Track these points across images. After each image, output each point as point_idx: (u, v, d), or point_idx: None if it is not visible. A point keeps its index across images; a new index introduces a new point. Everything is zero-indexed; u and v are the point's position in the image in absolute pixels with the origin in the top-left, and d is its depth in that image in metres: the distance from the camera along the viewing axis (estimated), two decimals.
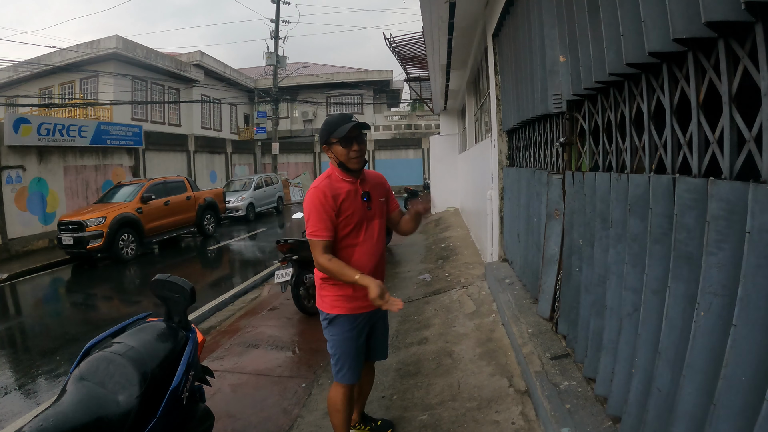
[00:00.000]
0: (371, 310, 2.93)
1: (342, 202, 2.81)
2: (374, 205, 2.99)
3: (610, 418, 2.77)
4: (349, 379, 2.96)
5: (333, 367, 2.99)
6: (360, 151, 2.84)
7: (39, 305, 9.45)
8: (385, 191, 3.12)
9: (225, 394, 4.35)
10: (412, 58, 14.67)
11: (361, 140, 2.87)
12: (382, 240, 3.06)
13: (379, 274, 2.98)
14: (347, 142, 2.80)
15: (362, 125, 2.85)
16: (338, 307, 2.91)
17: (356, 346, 2.96)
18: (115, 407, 2.12)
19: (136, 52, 23.53)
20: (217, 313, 7.37)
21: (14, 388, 5.04)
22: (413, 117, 36.63)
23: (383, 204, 3.08)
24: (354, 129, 2.80)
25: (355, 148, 2.81)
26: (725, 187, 1.86)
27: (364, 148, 2.90)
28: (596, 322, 3.08)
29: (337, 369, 2.96)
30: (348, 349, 2.94)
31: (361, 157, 2.88)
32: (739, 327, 1.73)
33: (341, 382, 2.97)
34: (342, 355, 2.95)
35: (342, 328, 2.92)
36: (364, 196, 2.93)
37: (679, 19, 1.99)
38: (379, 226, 3.02)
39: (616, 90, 3.01)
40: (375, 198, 3.00)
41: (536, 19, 4.44)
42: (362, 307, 2.90)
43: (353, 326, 2.93)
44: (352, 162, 2.84)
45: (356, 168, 2.86)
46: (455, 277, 7.49)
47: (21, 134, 14.29)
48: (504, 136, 6.74)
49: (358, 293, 2.84)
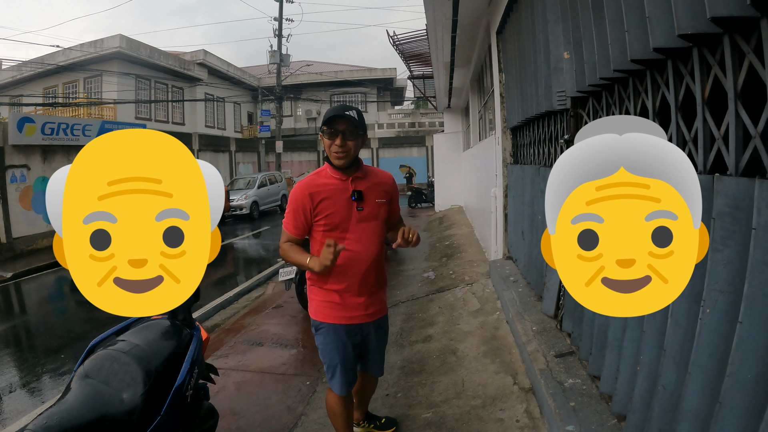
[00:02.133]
0: (360, 322, 2.82)
1: (321, 200, 2.68)
2: (367, 206, 2.76)
3: (614, 416, 2.76)
4: (338, 389, 2.86)
5: (326, 373, 2.92)
6: (343, 146, 2.63)
7: (43, 304, 9.48)
8: (386, 193, 2.87)
9: (229, 392, 4.35)
10: (415, 56, 14.66)
11: (350, 135, 2.65)
12: (377, 245, 2.83)
13: (371, 280, 2.82)
14: (331, 134, 2.62)
15: (341, 116, 2.62)
16: (323, 314, 2.80)
17: (343, 357, 2.82)
18: (120, 405, 2.12)
19: (139, 51, 23.57)
20: (221, 311, 7.37)
21: (19, 386, 5.06)
22: (417, 115, 36.55)
23: (381, 206, 2.83)
24: (340, 122, 2.61)
25: (337, 143, 2.61)
26: (731, 184, 1.85)
27: (353, 144, 2.67)
28: (601, 319, 3.07)
29: (329, 376, 2.89)
30: (334, 359, 2.83)
31: (346, 153, 2.65)
32: (745, 324, 1.72)
33: (332, 390, 2.90)
34: (329, 365, 2.86)
35: (327, 338, 2.82)
36: (354, 195, 2.72)
37: (683, 15, 1.98)
38: (372, 229, 2.79)
39: (621, 86, 3.00)
40: (369, 198, 2.77)
41: (540, 15, 4.42)
42: (348, 317, 2.78)
43: (338, 337, 2.80)
44: (333, 157, 2.67)
45: (338, 164, 2.68)
46: (459, 274, 7.48)
47: (25, 134, 14.30)
48: (508, 134, 6.73)
49: (346, 302, 2.76)
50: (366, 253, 2.76)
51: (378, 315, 2.92)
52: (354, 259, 2.73)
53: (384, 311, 3.00)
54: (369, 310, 2.83)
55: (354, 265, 2.74)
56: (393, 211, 2.97)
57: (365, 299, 2.81)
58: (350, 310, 2.77)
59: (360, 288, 2.78)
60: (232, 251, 13.37)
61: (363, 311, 2.81)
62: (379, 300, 2.92)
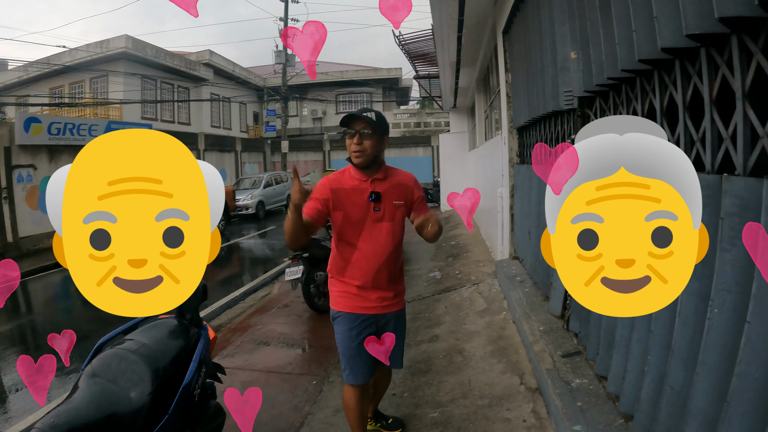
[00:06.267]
0: (375, 312, 2.89)
1: (341, 198, 2.78)
2: (384, 207, 2.83)
3: (622, 416, 2.76)
4: (352, 380, 2.91)
5: (341, 364, 2.97)
6: (360, 146, 2.73)
7: (50, 303, 9.54)
8: (405, 195, 2.91)
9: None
10: (421, 56, 14.65)
11: (367, 136, 2.74)
12: (391, 245, 2.87)
13: (384, 277, 2.88)
14: (349, 135, 2.75)
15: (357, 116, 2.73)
16: (340, 304, 2.90)
17: (356, 346, 2.85)
18: (127, 404, 2.13)
19: (145, 52, 23.65)
20: (228, 311, 7.39)
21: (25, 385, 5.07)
22: (422, 115, 36.62)
23: (398, 208, 2.88)
24: (357, 122, 2.73)
25: (354, 142, 2.73)
26: (739, 184, 1.84)
27: (369, 144, 2.75)
28: (608, 319, 3.06)
29: (343, 368, 2.95)
30: (347, 348, 2.89)
31: (362, 153, 2.74)
32: (753, 324, 1.72)
33: (347, 382, 2.95)
34: (344, 355, 2.92)
35: (342, 326, 2.90)
36: (371, 196, 2.80)
37: (691, 15, 1.98)
38: (387, 230, 2.85)
39: (628, 86, 2.99)
40: (387, 200, 2.84)
41: (547, 15, 4.42)
42: (364, 307, 2.87)
43: (353, 325, 2.87)
44: (352, 156, 2.78)
45: (357, 163, 2.78)
46: (466, 274, 7.48)
47: (32, 133, 14.38)
48: (515, 134, 6.71)
49: (363, 292, 2.85)
50: (380, 251, 2.84)
51: (394, 308, 2.98)
52: (367, 257, 2.83)
53: (401, 304, 3.05)
54: (384, 302, 2.91)
55: (366, 263, 2.83)
56: (418, 209, 2.94)
57: (380, 293, 2.89)
58: (366, 301, 2.85)
59: (374, 283, 2.85)
60: (239, 251, 13.41)
61: (378, 303, 2.88)
62: (395, 294, 2.98)
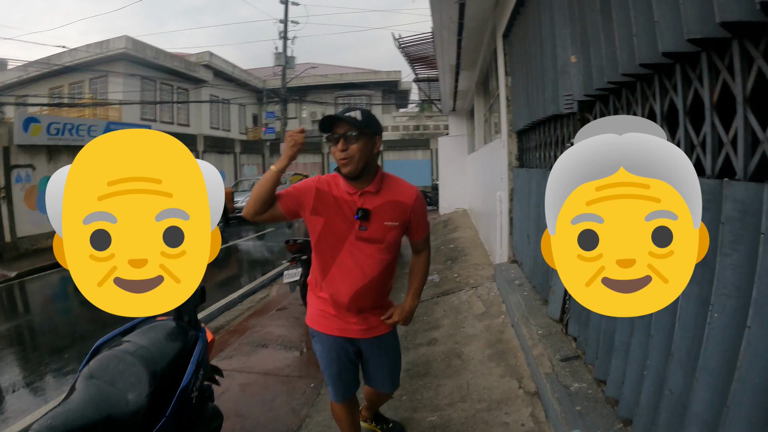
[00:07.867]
0: (353, 336, 2.65)
1: (324, 200, 2.48)
2: (372, 227, 2.47)
3: (621, 420, 2.75)
4: (334, 398, 2.79)
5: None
6: (345, 152, 2.35)
7: (48, 303, 9.52)
8: (401, 215, 2.53)
9: (234, 394, 4.35)
10: (421, 59, 14.64)
11: (353, 139, 2.35)
12: (375, 270, 2.53)
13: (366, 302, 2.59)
14: (332, 141, 2.38)
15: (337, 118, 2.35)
16: (316, 322, 2.68)
17: (338, 368, 2.69)
18: (125, 406, 2.12)
19: (145, 53, 23.62)
20: (226, 313, 7.39)
21: (23, 386, 5.07)
22: (422, 118, 36.50)
23: (389, 230, 2.50)
24: (339, 125, 2.36)
25: (339, 147, 2.36)
26: (739, 188, 1.84)
27: (357, 148, 2.36)
28: (607, 323, 3.06)
29: (327, 384, 2.82)
30: (326, 368, 2.72)
31: (349, 159, 2.35)
32: (754, 329, 1.72)
33: (330, 398, 2.85)
34: (324, 372, 2.77)
35: (319, 346, 2.71)
36: (358, 213, 2.44)
37: (693, 20, 1.98)
38: (372, 252, 2.50)
39: (629, 91, 2.99)
40: (377, 219, 2.47)
41: (547, 19, 4.42)
42: (342, 329, 2.62)
43: (331, 347, 2.66)
44: (339, 165, 2.40)
45: (344, 172, 2.39)
46: (464, 278, 7.47)
47: (31, 133, 14.37)
48: (514, 137, 6.71)
49: (340, 314, 2.60)
50: (360, 273, 2.51)
51: (375, 332, 2.70)
52: (343, 277, 2.53)
53: (384, 328, 2.74)
54: (363, 326, 2.65)
55: (346, 282, 2.53)
56: (415, 232, 2.68)
57: (360, 317, 2.63)
58: (343, 323, 2.62)
59: (351, 305, 2.57)
60: (237, 253, 13.40)
61: (356, 326, 2.64)
62: (376, 318, 2.70)
